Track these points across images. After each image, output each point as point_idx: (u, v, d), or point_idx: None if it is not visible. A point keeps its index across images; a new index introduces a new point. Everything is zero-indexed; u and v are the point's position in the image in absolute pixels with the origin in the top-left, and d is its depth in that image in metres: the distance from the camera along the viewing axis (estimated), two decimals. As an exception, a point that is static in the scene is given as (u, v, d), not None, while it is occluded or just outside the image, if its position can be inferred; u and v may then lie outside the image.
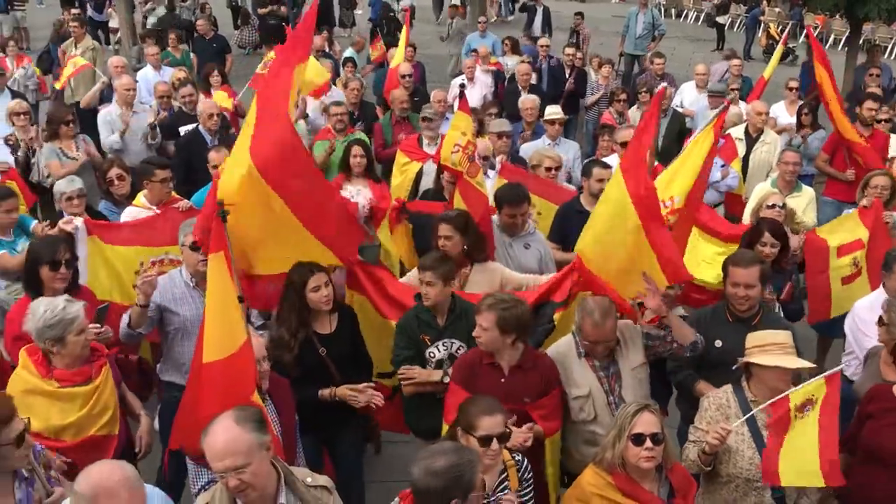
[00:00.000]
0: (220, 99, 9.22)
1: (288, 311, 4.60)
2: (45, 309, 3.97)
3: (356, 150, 6.88)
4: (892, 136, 8.52)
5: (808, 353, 6.85)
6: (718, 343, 4.70)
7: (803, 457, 3.84)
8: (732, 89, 10.45)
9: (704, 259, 6.24)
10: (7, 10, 18.61)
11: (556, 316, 4.98)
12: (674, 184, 4.78)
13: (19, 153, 7.65)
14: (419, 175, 7.22)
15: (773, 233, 5.60)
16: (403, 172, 7.54)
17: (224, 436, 3.01)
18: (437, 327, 4.72)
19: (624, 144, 6.84)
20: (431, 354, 4.71)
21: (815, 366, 4.04)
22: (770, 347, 4.01)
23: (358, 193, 6.73)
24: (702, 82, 10.57)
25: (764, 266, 4.78)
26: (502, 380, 4.32)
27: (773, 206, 6.34)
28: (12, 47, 12.09)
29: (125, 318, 4.75)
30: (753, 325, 4.58)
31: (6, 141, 7.65)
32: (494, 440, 3.57)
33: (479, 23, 14.05)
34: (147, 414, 4.56)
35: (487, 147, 6.76)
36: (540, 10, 18.07)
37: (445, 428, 4.33)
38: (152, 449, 4.51)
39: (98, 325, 4.52)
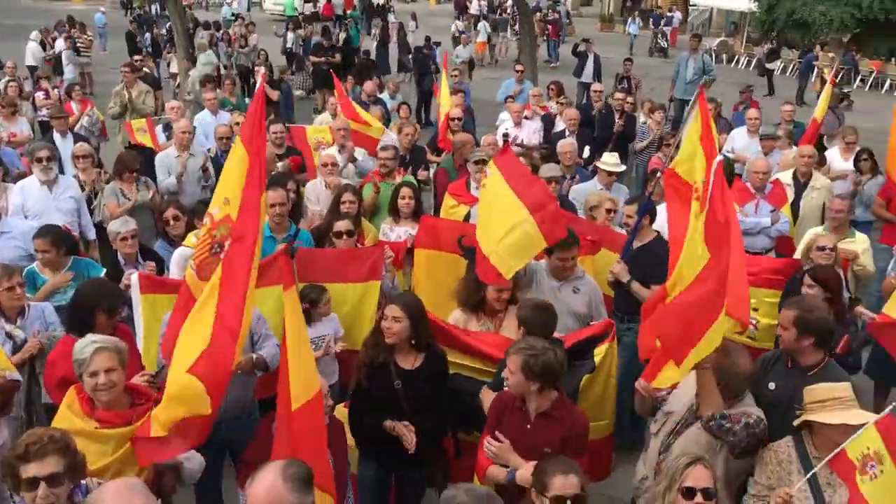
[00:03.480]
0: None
1: (372, 332, 4.82)
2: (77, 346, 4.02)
3: (404, 192, 6.96)
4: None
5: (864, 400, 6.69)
6: (772, 385, 4.60)
7: None
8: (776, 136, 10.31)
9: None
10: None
11: (598, 352, 5.03)
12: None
13: (83, 194, 7.90)
14: (467, 218, 7.25)
15: (814, 278, 5.57)
16: (452, 215, 7.58)
17: (267, 492, 3.02)
18: None
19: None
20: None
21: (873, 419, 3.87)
22: (831, 403, 3.88)
23: (406, 234, 6.81)
24: (754, 127, 10.46)
25: (806, 314, 4.52)
26: (528, 426, 4.27)
27: (823, 248, 6.27)
28: (77, 92, 12.54)
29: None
30: (811, 375, 4.43)
31: None
32: (567, 502, 3.50)
33: (517, 71, 14.15)
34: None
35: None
36: (591, 57, 18.16)
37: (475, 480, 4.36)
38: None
39: (151, 375, 4.61)
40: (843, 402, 3.88)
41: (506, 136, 6.63)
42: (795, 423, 4.03)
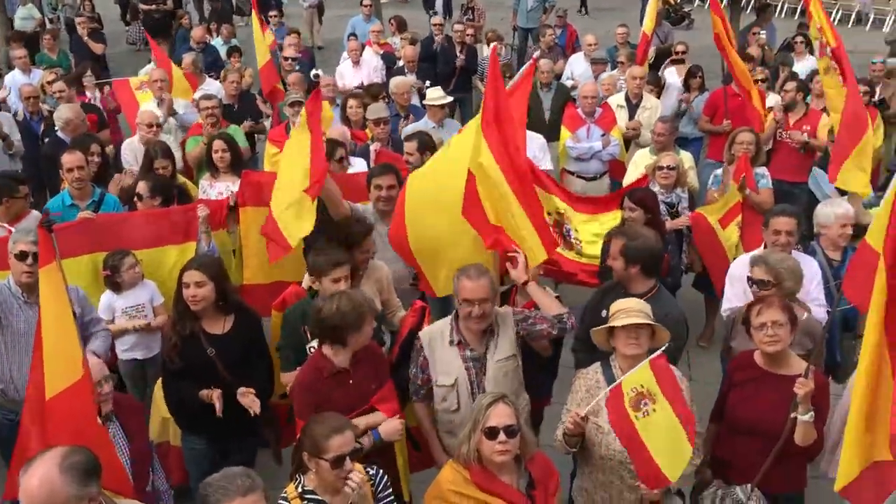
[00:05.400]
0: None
1: (175, 304, 4.50)
2: None
3: (217, 145, 6.53)
4: (770, 93, 8.61)
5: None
6: (604, 313, 4.53)
7: (677, 447, 3.73)
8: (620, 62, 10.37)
9: (587, 240, 6.31)
10: None
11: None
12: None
13: None
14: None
15: (634, 199, 5.70)
16: (274, 164, 7.20)
17: (40, 485, 2.72)
18: None
19: None
20: (312, 349, 4.52)
21: (655, 325, 3.92)
22: (617, 314, 3.93)
23: (227, 190, 6.42)
24: (591, 52, 10.48)
25: (631, 242, 4.62)
26: (350, 381, 4.12)
27: (663, 167, 6.36)
28: None
29: None
30: (645, 301, 4.43)
31: None
32: (347, 459, 3.38)
33: (364, 5, 13.68)
34: None
35: (343, 133, 6.53)
36: (440, -10, 17.55)
37: None
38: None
39: None
40: (626, 313, 3.90)
41: (316, 76, 6.19)
42: (594, 340, 4.10)
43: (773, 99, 8.33)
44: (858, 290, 3.81)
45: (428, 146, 6.18)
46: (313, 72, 6.22)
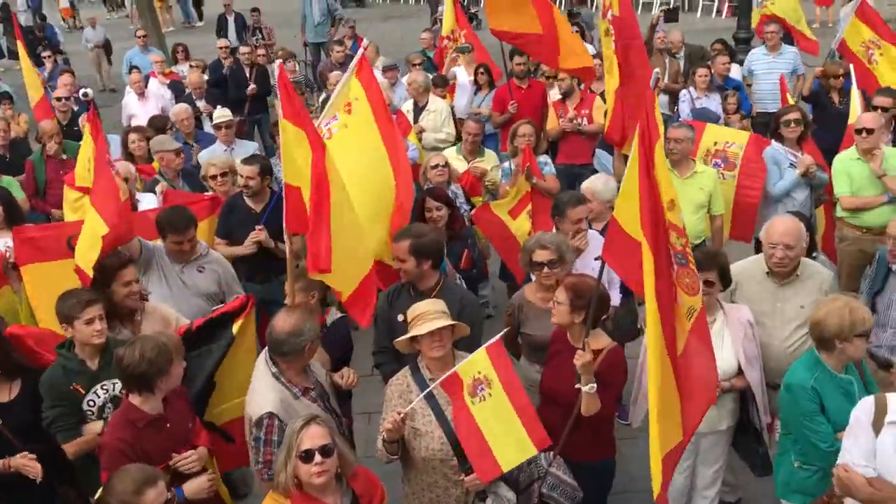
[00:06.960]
0: None
1: None
2: None
3: (-16, 200, 6.05)
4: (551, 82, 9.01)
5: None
6: (400, 317, 4.61)
7: (511, 434, 3.79)
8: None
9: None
10: None
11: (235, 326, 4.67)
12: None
13: None
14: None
15: (435, 197, 5.73)
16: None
17: None
18: (90, 371, 4.27)
19: None
20: (91, 403, 4.27)
21: (456, 323, 3.98)
22: (415, 321, 3.96)
23: (4, 247, 5.92)
24: (375, 62, 10.58)
25: (419, 240, 4.63)
26: (168, 425, 3.95)
27: (436, 166, 6.50)
28: None
29: None
30: (437, 293, 4.53)
31: None
32: None
33: (138, 37, 13.05)
34: None
35: (127, 169, 6.26)
36: (231, 18, 16.83)
37: None
38: None
39: None
40: (423, 318, 3.94)
41: (85, 95, 5.74)
42: (398, 348, 4.13)
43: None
44: (619, 263, 3.81)
45: (268, 170, 6.04)
46: (82, 90, 5.72)
